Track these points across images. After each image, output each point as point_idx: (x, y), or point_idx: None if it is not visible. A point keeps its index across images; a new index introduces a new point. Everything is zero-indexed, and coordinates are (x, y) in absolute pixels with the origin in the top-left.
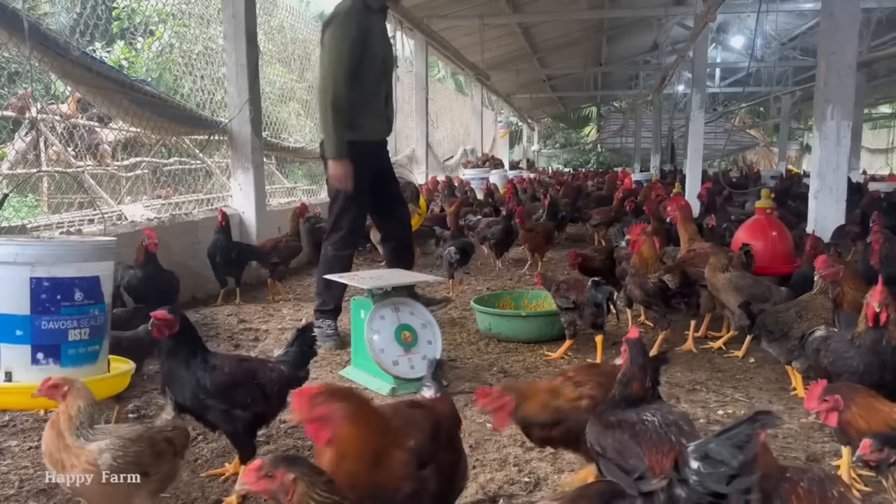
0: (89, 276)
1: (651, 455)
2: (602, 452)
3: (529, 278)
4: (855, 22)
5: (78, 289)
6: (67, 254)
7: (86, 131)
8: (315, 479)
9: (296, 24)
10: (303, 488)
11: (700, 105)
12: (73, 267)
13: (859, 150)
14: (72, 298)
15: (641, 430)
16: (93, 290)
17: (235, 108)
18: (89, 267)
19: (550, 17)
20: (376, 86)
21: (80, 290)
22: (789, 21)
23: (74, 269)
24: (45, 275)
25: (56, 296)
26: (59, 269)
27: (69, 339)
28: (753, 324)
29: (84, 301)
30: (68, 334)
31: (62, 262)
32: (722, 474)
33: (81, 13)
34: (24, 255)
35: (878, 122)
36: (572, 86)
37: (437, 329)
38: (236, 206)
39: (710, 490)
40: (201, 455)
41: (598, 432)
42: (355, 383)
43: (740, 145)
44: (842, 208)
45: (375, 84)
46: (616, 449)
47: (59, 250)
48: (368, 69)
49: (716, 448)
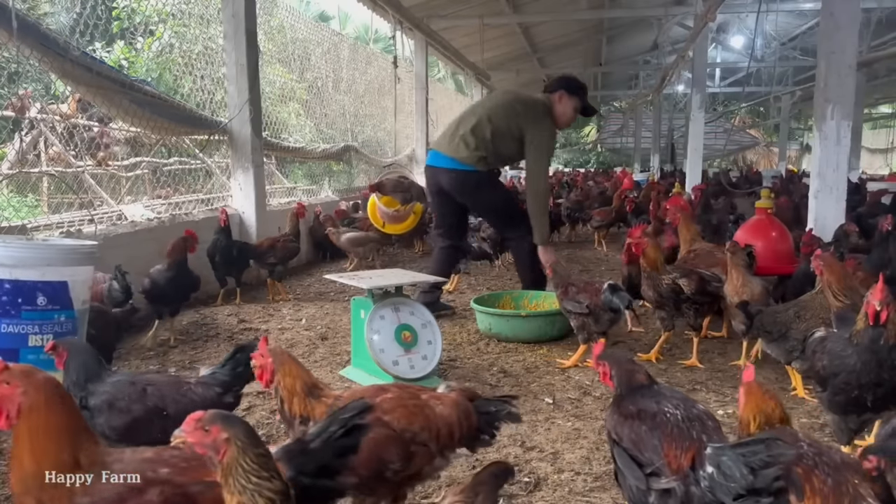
0: (55, 280)
1: (669, 450)
2: (618, 440)
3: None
4: (855, 22)
5: (41, 293)
6: (30, 257)
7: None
8: (248, 447)
9: (296, 24)
10: (233, 452)
11: (700, 105)
12: (37, 271)
13: (859, 150)
14: (34, 303)
15: (662, 421)
16: (58, 295)
17: (235, 108)
18: (55, 271)
19: (550, 17)
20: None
21: (44, 294)
22: (789, 21)
23: (37, 272)
24: (7, 276)
25: (17, 299)
26: (20, 272)
27: (29, 345)
28: (752, 324)
29: (47, 306)
30: (28, 339)
31: (24, 265)
32: (731, 489)
33: (81, 13)
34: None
35: (878, 122)
36: None
37: (437, 329)
38: (236, 206)
39: (718, 499)
40: None
41: (616, 421)
42: (355, 383)
43: (740, 145)
44: (842, 208)
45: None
46: (632, 439)
47: (21, 253)
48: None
49: (728, 463)
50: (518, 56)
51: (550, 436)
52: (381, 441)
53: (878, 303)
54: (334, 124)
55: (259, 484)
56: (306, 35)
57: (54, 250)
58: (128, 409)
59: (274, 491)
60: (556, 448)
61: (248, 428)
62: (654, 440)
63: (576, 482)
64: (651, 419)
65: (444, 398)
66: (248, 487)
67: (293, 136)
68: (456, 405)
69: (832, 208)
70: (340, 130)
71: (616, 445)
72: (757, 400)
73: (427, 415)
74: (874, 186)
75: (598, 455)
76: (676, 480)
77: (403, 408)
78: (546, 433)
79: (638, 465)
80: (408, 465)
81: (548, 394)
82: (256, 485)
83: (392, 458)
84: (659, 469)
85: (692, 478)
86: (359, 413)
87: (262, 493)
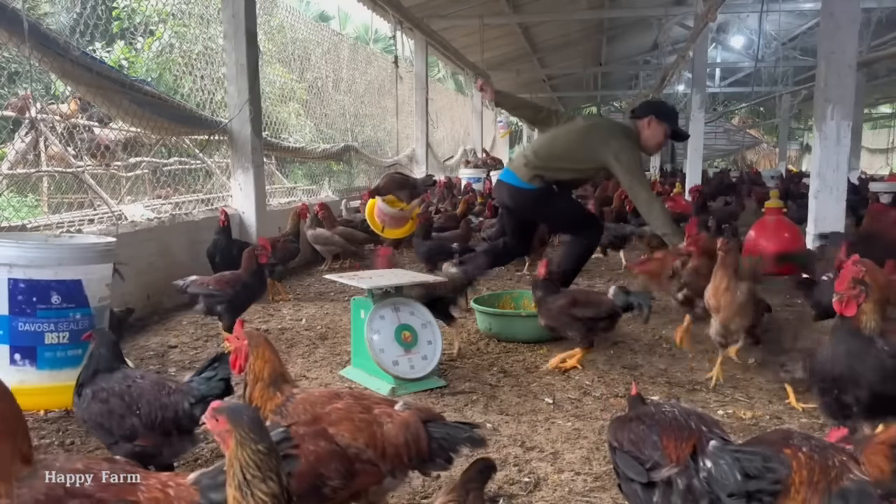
0: (68, 279)
1: (668, 441)
2: (619, 446)
3: (529, 278)
4: (855, 22)
5: (55, 292)
6: (42, 256)
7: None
8: (248, 442)
9: (296, 24)
10: (233, 445)
11: (700, 105)
12: (50, 270)
13: (859, 150)
14: (48, 301)
15: (660, 419)
16: (72, 293)
17: (235, 108)
18: (69, 270)
19: (550, 17)
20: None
21: (58, 293)
22: (789, 21)
23: (51, 272)
24: (22, 276)
25: (31, 298)
26: (34, 272)
27: (45, 342)
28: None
29: (62, 304)
30: (45, 337)
31: (37, 265)
32: (725, 487)
33: (81, 13)
34: (1, 256)
35: (878, 122)
36: (572, 86)
37: (437, 329)
38: (236, 206)
39: (714, 492)
40: (201, 455)
41: (616, 428)
42: (355, 383)
43: (740, 145)
44: (842, 208)
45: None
46: (632, 440)
47: (33, 252)
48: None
49: (725, 466)
50: (518, 56)
51: (550, 436)
52: (322, 456)
53: (839, 295)
54: (334, 124)
55: (252, 482)
56: (306, 35)
57: (66, 250)
58: (106, 401)
59: (266, 493)
60: (556, 448)
61: (254, 424)
62: (652, 436)
63: (576, 482)
64: (649, 418)
65: (395, 416)
66: (242, 482)
67: (293, 136)
68: (405, 427)
69: (832, 208)
70: (340, 130)
71: (617, 452)
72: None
73: (374, 432)
74: (876, 187)
75: (598, 455)
76: (677, 469)
77: (350, 421)
78: (546, 433)
79: (640, 463)
80: (349, 482)
81: (548, 394)
82: (249, 482)
83: (331, 474)
84: (658, 461)
85: (693, 468)
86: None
87: (255, 492)
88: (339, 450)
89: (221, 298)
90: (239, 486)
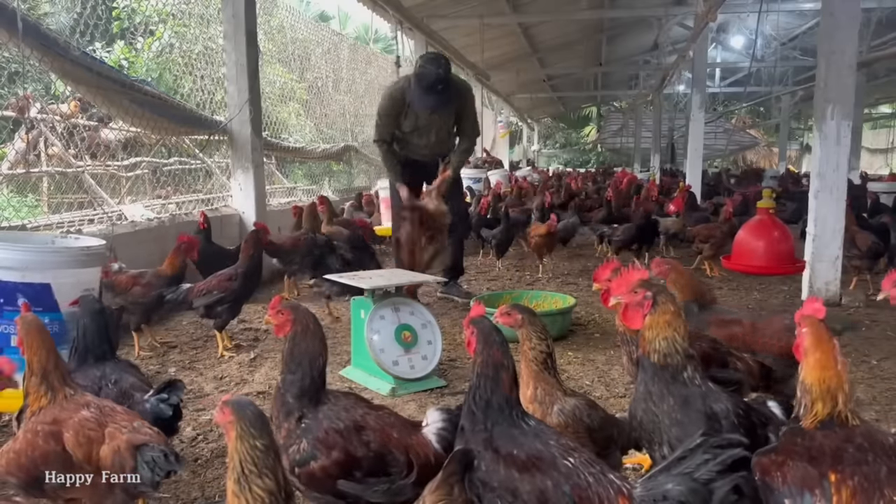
0: (36, 283)
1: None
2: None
3: (529, 278)
4: (855, 22)
5: (22, 294)
6: (7, 259)
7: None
8: (247, 437)
9: (296, 24)
10: (234, 437)
11: (700, 105)
12: (16, 273)
13: (859, 150)
14: (14, 303)
15: (567, 473)
16: (41, 297)
17: (235, 108)
18: (37, 274)
19: (550, 17)
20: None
21: (25, 296)
22: (789, 21)
23: (17, 274)
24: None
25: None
26: (0, 273)
27: (12, 345)
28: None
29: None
30: (10, 339)
31: (4, 266)
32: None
33: (81, 13)
34: None
35: (878, 122)
36: (572, 86)
37: (437, 329)
38: (236, 206)
39: None
40: (201, 455)
41: (505, 477)
42: (355, 383)
43: (740, 145)
44: (842, 208)
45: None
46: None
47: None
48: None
49: (677, 490)
50: (518, 56)
51: None
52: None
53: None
54: (334, 124)
55: (248, 477)
56: (306, 35)
57: (32, 254)
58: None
59: (262, 488)
60: None
61: (256, 420)
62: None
63: None
64: (551, 467)
65: (116, 436)
66: (241, 476)
67: (293, 136)
68: (116, 452)
69: (832, 208)
70: (340, 130)
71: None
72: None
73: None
74: (875, 187)
75: None
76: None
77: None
78: None
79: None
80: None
81: None
82: (247, 476)
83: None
84: None
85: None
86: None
87: (252, 487)
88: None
89: (227, 298)
90: (237, 480)
